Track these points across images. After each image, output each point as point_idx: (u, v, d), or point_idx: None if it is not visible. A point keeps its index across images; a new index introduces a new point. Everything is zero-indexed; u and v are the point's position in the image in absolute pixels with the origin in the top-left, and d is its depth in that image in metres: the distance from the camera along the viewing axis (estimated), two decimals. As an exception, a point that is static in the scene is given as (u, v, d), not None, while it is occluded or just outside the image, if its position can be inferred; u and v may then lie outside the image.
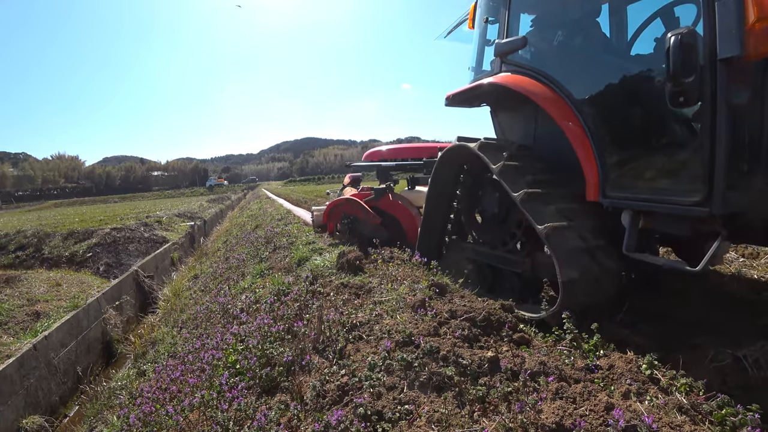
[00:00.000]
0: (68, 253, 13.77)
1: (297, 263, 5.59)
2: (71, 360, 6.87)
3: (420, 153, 6.44)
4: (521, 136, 3.74)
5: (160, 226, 17.66)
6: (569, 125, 2.91)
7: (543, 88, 3.13)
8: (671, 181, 2.44)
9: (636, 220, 2.65)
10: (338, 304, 3.54)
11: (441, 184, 4.21)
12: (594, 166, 2.80)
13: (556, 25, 3.43)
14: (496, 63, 3.64)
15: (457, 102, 4.25)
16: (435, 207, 4.34)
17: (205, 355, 3.60)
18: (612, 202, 2.75)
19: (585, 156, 2.83)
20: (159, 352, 5.71)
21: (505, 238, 3.57)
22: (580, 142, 2.85)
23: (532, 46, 3.45)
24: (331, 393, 2.35)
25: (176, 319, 7.32)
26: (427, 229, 4.46)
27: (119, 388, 5.37)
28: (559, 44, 3.39)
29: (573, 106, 2.94)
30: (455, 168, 4.09)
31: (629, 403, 1.92)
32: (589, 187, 2.83)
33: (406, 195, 6.17)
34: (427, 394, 2.16)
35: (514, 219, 3.43)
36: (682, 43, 2.03)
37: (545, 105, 3.04)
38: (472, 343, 2.60)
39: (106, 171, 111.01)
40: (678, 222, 2.52)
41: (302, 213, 13.23)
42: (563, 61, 3.29)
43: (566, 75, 3.08)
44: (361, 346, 2.77)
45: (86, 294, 8.71)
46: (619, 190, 2.70)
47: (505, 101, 3.79)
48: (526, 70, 3.35)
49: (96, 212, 26.94)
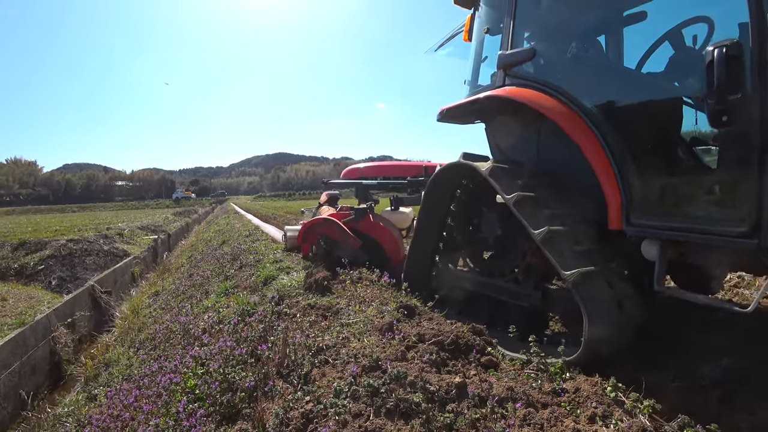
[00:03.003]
0: (17, 265, 12.91)
1: (263, 282, 5.43)
2: (14, 383, 6.37)
3: (404, 171, 6.00)
4: (521, 153, 3.47)
5: (121, 238, 16.93)
6: (587, 142, 2.65)
7: (555, 102, 2.89)
8: (710, 208, 2.20)
9: (665, 251, 2.37)
10: (305, 326, 3.44)
11: (435, 206, 3.93)
12: (616, 189, 2.52)
13: (569, 36, 3.22)
14: (498, 76, 3.41)
15: (451, 117, 3.99)
16: (426, 230, 4.06)
17: (162, 379, 3.41)
18: (638, 231, 2.47)
19: (605, 177, 2.56)
20: (112, 375, 5.38)
21: (509, 269, 3.34)
22: (600, 162, 2.59)
23: (541, 57, 3.23)
24: (294, 421, 2.26)
25: (133, 338, 6.95)
26: (417, 253, 4.15)
27: (66, 414, 5.00)
28: (573, 56, 3.16)
29: (590, 122, 2.70)
30: (453, 188, 3.83)
31: (595, 428, 1.94)
32: (612, 212, 2.56)
33: (388, 216, 5.79)
34: (394, 422, 2.10)
35: (519, 248, 3.21)
36: (727, 56, 1.83)
37: (559, 120, 2.80)
38: (440, 367, 2.57)
39: (65, 178, 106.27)
40: (717, 254, 2.29)
41: (271, 229, 13.00)
42: (578, 73, 3.09)
43: (582, 89, 2.87)
44: (327, 370, 2.68)
45: (35, 310, 8.16)
46: (647, 217, 2.43)
47: (505, 117, 3.59)
48: (533, 83, 3.12)
49: (52, 222, 25.61)
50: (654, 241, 2.42)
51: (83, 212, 50.59)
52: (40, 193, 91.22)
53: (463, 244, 3.91)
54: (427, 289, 3.96)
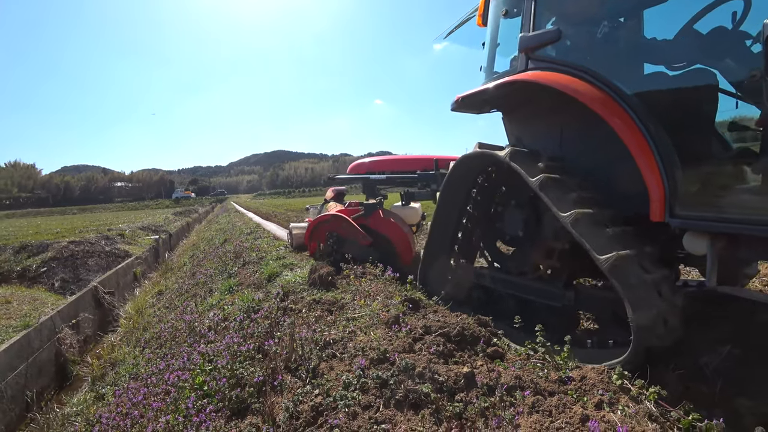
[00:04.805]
0: (20, 268, 12.91)
1: (267, 279, 5.45)
2: (20, 384, 6.39)
3: (414, 165, 5.72)
4: (542, 142, 3.26)
5: (122, 239, 16.92)
6: (625, 128, 2.45)
7: (587, 85, 2.68)
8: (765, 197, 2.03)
9: (716, 245, 2.19)
10: (310, 321, 3.46)
11: (454, 200, 3.74)
12: (658, 177, 2.33)
13: (601, 13, 2.97)
14: (520, 60, 3.20)
15: (467, 106, 3.81)
16: (444, 225, 3.88)
17: (170, 377, 3.43)
18: (683, 223, 2.29)
19: (646, 165, 2.37)
20: (119, 374, 5.40)
21: (534, 265, 3.19)
22: (640, 149, 2.39)
23: (567, 38, 3.01)
24: (304, 414, 2.28)
25: (139, 338, 6.98)
26: (433, 250, 3.98)
27: (74, 414, 5.03)
28: (605, 35, 2.91)
29: (627, 106, 2.51)
30: (472, 181, 3.66)
31: (603, 413, 1.95)
32: (653, 203, 2.36)
33: (398, 211, 5.62)
34: (403, 413, 2.12)
35: (546, 243, 3.07)
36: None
37: (593, 105, 2.59)
38: (448, 358, 2.59)
39: (64, 180, 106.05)
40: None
41: (272, 227, 13.02)
42: (612, 54, 2.88)
43: (617, 70, 2.68)
44: (335, 364, 2.71)
45: (39, 312, 8.18)
46: (693, 208, 2.26)
47: (525, 104, 3.39)
48: (559, 66, 2.92)
49: (52, 224, 25.59)
50: (701, 234, 2.24)
51: (83, 214, 50.57)
52: (40, 195, 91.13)
53: (483, 239, 3.76)
54: (445, 289, 3.79)
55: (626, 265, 2.24)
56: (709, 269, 2.21)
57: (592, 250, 2.33)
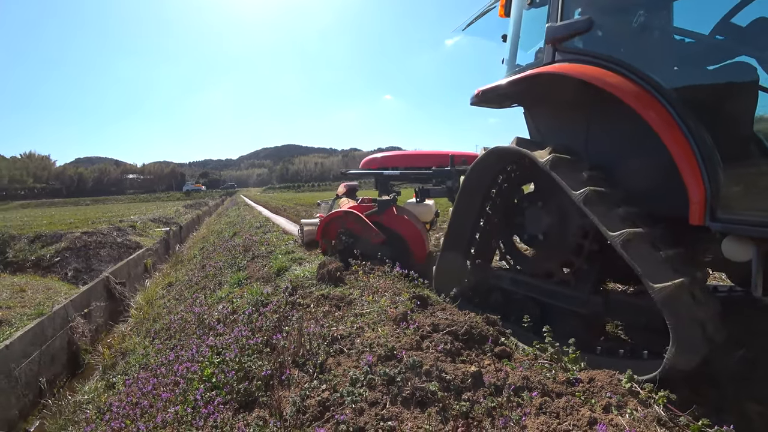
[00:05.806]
0: (34, 257, 13.16)
1: (276, 273, 5.49)
2: (34, 371, 6.54)
3: (429, 161, 5.55)
4: (568, 139, 3.10)
5: (133, 231, 17.13)
6: (663, 124, 2.31)
7: (621, 79, 2.53)
8: None
9: (761, 251, 2.05)
10: (319, 316, 3.48)
11: (473, 198, 3.62)
12: (699, 178, 2.20)
13: (635, 3, 2.83)
14: (546, 51, 3.05)
15: (487, 100, 3.63)
16: (463, 224, 3.76)
17: (179, 368, 3.48)
18: (725, 227, 2.15)
19: (686, 164, 2.23)
20: (130, 364, 5.49)
21: (558, 268, 3.10)
22: (680, 147, 2.25)
23: (599, 28, 2.84)
24: (311, 409, 2.29)
25: (149, 328, 7.08)
26: (451, 249, 3.85)
27: (86, 401, 5.13)
28: (641, 25, 2.75)
29: (665, 102, 2.36)
30: (495, 177, 3.53)
31: (611, 417, 1.94)
32: (693, 206, 2.22)
33: (412, 208, 5.47)
34: (410, 410, 2.13)
35: (572, 245, 2.96)
36: None
37: (629, 99, 2.45)
38: (455, 357, 2.59)
39: (78, 172, 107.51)
40: None
41: (282, 221, 13.09)
42: (648, 45, 2.72)
43: (654, 63, 2.54)
44: (342, 359, 2.72)
45: (53, 301, 8.33)
46: (737, 211, 2.13)
47: (550, 99, 3.25)
48: (591, 58, 2.77)
49: (66, 215, 25.98)
50: (744, 240, 2.10)
51: (96, 205, 51.31)
52: (54, 186, 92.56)
53: (505, 240, 3.66)
54: (461, 290, 3.72)
55: (679, 296, 2.09)
56: (754, 277, 2.07)
57: (646, 278, 2.18)
